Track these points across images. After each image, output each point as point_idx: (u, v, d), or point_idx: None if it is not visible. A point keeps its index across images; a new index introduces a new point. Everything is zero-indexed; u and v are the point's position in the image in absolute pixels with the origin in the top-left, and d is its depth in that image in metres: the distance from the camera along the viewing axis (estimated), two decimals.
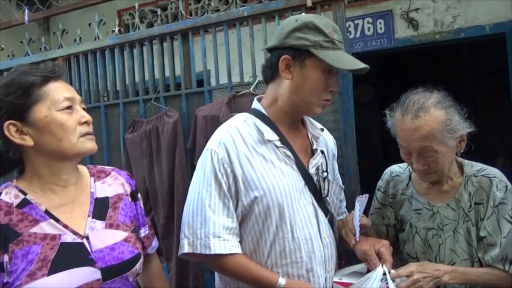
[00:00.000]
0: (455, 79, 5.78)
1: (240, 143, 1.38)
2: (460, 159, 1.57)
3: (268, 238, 1.37)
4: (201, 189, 1.37)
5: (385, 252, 1.40)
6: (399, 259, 1.62)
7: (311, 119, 1.58)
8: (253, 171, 1.36)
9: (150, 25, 4.05)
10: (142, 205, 1.41)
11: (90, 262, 1.11)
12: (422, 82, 1.50)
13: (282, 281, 1.32)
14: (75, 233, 1.14)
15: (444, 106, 1.41)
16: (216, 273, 1.53)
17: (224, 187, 1.35)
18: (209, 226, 1.33)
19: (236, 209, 1.37)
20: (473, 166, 1.54)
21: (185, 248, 1.36)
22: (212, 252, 1.32)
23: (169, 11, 4.73)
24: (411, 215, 1.59)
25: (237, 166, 1.36)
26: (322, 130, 1.58)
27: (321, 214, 1.45)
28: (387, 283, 1.34)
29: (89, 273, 1.10)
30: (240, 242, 1.38)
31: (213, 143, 1.40)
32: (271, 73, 1.45)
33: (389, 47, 3.91)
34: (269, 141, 1.40)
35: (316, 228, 1.42)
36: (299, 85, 1.39)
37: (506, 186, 1.46)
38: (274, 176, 1.37)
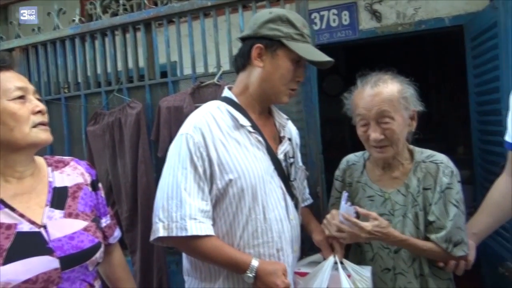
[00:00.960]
0: (421, 71, 5.94)
1: (215, 128, 1.41)
2: (411, 146, 1.64)
3: (241, 220, 1.40)
4: (176, 172, 1.37)
5: (337, 243, 1.52)
6: (357, 244, 1.67)
7: (277, 109, 1.63)
8: (228, 155, 1.39)
9: (115, 15, 3.96)
10: (103, 195, 1.41)
11: (48, 251, 1.10)
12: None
13: (255, 262, 1.36)
14: (32, 222, 1.12)
15: (399, 80, 1.54)
16: (185, 260, 1.54)
17: (200, 170, 1.37)
18: (185, 208, 1.34)
19: (210, 193, 1.39)
20: (422, 153, 1.61)
21: (160, 232, 1.35)
22: (189, 234, 1.32)
23: (133, 1, 4.63)
24: (365, 202, 1.65)
25: (212, 150, 1.38)
26: (287, 119, 1.64)
27: (288, 197, 1.51)
28: (337, 270, 1.45)
29: (47, 262, 1.08)
30: (213, 225, 1.40)
31: (188, 128, 1.41)
32: (243, 61, 1.50)
33: (354, 39, 3.97)
34: (242, 126, 1.44)
35: (284, 210, 1.48)
36: (270, 74, 1.45)
37: (452, 172, 1.53)
38: (248, 159, 1.41)
